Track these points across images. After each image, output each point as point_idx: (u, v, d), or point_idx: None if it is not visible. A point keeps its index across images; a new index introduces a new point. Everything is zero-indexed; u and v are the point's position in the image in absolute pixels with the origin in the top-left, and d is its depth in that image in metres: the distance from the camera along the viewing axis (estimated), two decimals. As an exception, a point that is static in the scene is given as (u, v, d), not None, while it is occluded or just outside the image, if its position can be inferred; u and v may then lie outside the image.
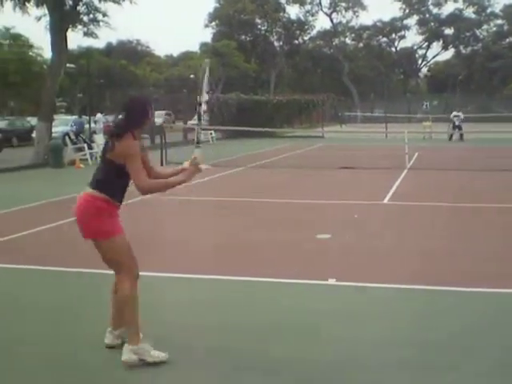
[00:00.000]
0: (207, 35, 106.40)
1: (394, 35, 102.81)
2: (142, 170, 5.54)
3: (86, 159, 26.92)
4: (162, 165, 24.77)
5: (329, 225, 12.08)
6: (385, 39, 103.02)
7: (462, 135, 40.31)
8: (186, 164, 5.86)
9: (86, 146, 27.91)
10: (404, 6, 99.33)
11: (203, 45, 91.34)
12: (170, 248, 10.37)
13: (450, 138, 40.86)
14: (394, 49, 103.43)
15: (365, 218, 13.04)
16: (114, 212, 5.66)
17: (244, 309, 7.18)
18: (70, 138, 28.08)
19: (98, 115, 40.95)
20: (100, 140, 30.31)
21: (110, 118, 52.95)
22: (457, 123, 41.17)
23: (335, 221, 12.69)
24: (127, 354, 5.56)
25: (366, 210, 14.13)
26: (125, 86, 68.26)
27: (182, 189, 17.98)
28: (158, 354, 5.61)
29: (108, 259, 5.72)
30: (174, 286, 8.27)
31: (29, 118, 47.58)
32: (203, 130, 24.77)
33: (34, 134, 32.50)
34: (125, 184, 5.67)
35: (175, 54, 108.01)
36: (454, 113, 42.13)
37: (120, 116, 5.79)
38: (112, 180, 5.59)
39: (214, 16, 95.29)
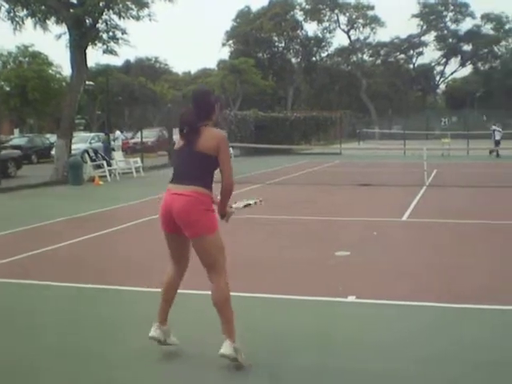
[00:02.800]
0: (225, 53, 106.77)
1: (411, 52, 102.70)
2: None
3: (105, 176, 27.03)
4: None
5: (348, 242, 12.03)
6: (402, 56, 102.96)
7: (497, 152, 39.19)
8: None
9: (104, 163, 28.01)
10: (422, 23, 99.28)
11: (221, 62, 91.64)
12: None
13: (498, 154, 39.13)
14: (411, 65, 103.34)
15: (384, 235, 13.00)
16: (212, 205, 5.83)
17: (262, 324, 7.17)
18: (89, 155, 28.22)
19: (117, 132, 41.15)
20: (119, 157, 30.44)
21: (129, 134, 53.37)
22: (497, 138, 40.04)
23: (354, 238, 12.64)
24: (229, 350, 5.63)
25: (384, 227, 14.08)
26: (143, 102, 68.57)
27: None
28: (244, 357, 5.75)
29: (208, 255, 5.81)
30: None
31: (48, 135, 48.03)
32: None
33: (53, 151, 32.73)
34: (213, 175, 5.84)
35: (193, 71, 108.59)
36: (494, 127, 41.22)
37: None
38: (210, 173, 5.80)
39: (232, 34, 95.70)
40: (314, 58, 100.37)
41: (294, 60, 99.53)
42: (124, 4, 28.91)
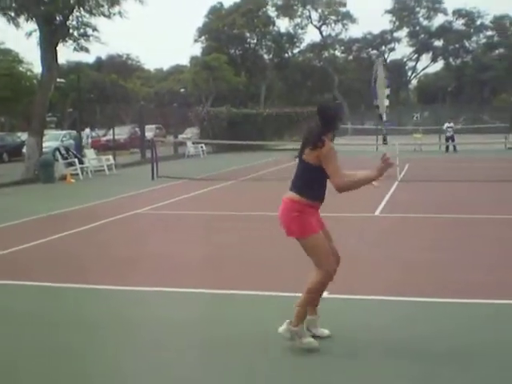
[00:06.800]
0: (197, 49, 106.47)
1: (383, 47, 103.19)
2: (340, 169, 6.18)
3: (77, 174, 26.86)
4: (152, 179, 24.75)
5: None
6: (375, 51, 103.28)
7: (455, 146, 40.37)
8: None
9: (76, 160, 27.81)
10: (394, 19, 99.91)
11: (193, 58, 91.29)
12: (159, 262, 10.32)
13: (447, 149, 40.72)
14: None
15: (357, 230, 13.03)
16: (311, 212, 6.34)
17: (236, 322, 7.18)
18: (60, 152, 28.03)
19: (86, 130, 40.84)
20: (91, 155, 30.23)
21: (101, 132, 53.07)
22: (449, 134, 41.19)
23: (327, 233, 12.65)
24: (282, 329, 6.23)
25: (357, 222, 14.12)
26: (115, 100, 68.26)
27: (173, 203, 18.03)
28: (307, 341, 6.21)
29: (308, 255, 6.40)
30: (164, 300, 8.25)
31: (19, 134, 47.60)
32: (194, 143, 24.87)
33: (24, 150, 32.46)
34: (322, 183, 6.40)
35: (165, 68, 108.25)
36: (447, 124, 42.11)
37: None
38: (310, 181, 6.32)
39: (204, 30, 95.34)
40: (286, 55, 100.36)
41: (266, 56, 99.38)
42: (95, 1, 28.74)
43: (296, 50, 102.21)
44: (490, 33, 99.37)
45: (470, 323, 7.03)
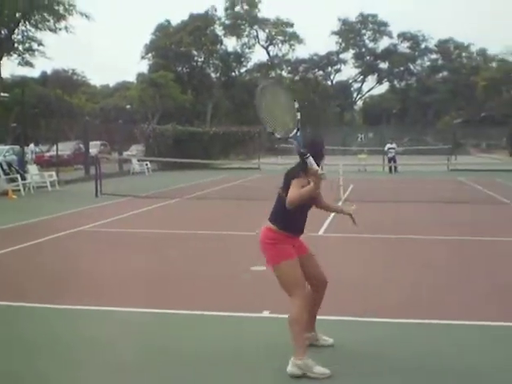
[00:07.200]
0: (144, 66, 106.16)
1: (329, 69, 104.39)
2: (295, 191, 6.12)
3: (19, 190, 26.45)
4: (96, 196, 24.49)
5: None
6: (321, 72, 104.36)
7: (396, 167, 40.76)
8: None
9: (19, 176, 27.40)
10: (340, 40, 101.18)
11: (140, 75, 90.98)
12: (100, 280, 10.21)
13: (390, 170, 41.07)
14: (329, 82, 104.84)
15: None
16: (287, 240, 6.38)
17: (177, 342, 7.11)
18: (2, 168, 27.60)
19: (31, 145, 40.26)
20: (34, 170, 29.81)
21: (44, 147, 52.37)
22: (391, 155, 41.61)
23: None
24: (292, 367, 6.00)
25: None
26: (60, 115, 67.58)
27: (117, 220, 17.84)
28: (321, 371, 6.00)
29: (280, 283, 6.34)
30: (103, 319, 8.15)
31: (-39, 149, 46.72)
32: (139, 160, 24.86)
33: (-35, 164, 31.91)
34: (297, 215, 6.46)
35: (111, 84, 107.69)
36: (388, 145, 42.51)
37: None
38: (283, 213, 6.33)
39: (151, 48, 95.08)
40: (233, 73, 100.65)
41: (213, 75, 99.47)
42: (41, 15, 28.51)
43: (243, 69, 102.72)
44: (434, 56, 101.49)
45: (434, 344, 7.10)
